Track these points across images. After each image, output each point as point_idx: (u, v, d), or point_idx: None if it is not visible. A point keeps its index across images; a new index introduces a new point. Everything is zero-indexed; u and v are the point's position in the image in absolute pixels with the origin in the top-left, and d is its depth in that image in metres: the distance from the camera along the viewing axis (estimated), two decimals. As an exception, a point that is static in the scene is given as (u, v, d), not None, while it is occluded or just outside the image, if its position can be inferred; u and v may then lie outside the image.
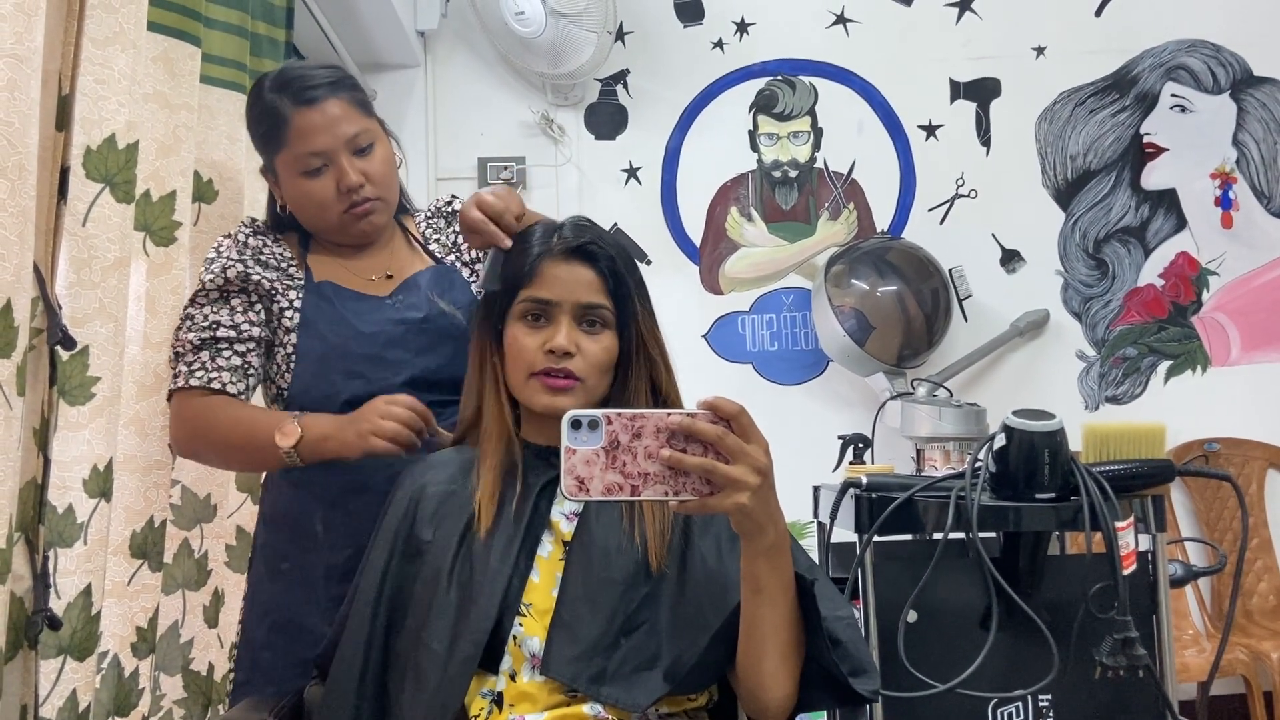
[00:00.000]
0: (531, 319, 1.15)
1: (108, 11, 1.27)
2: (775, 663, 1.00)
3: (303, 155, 1.42)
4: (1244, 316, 3.08)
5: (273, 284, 1.46)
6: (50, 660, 1.22)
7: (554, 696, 1.06)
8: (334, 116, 1.42)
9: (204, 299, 1.44)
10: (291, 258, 1.50)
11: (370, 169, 1.44)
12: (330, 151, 1.42)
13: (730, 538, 1.09)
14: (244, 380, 1.43)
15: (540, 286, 1.14)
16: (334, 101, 1.43)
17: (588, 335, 1.14)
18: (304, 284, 1.47)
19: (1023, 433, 1.47)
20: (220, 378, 1.40)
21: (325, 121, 1.41)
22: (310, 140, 1.41)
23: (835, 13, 3.12)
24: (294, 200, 1.47)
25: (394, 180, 1.50)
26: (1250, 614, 2.85)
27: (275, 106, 1.43)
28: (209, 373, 1.40)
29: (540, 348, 1.13)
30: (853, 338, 2.74)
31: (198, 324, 1.43)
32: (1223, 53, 3.10)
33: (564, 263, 1.15)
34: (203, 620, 1.69)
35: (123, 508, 1.43)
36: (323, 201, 1.44)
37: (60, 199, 1.22)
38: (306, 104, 1.42)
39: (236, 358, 1.42)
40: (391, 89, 3.01)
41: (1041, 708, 1.54)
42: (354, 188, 1.43)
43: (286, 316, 1.45)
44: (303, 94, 1.42)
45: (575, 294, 1.14)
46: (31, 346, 1.13)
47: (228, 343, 1.42)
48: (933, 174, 3.09)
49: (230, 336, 1.42)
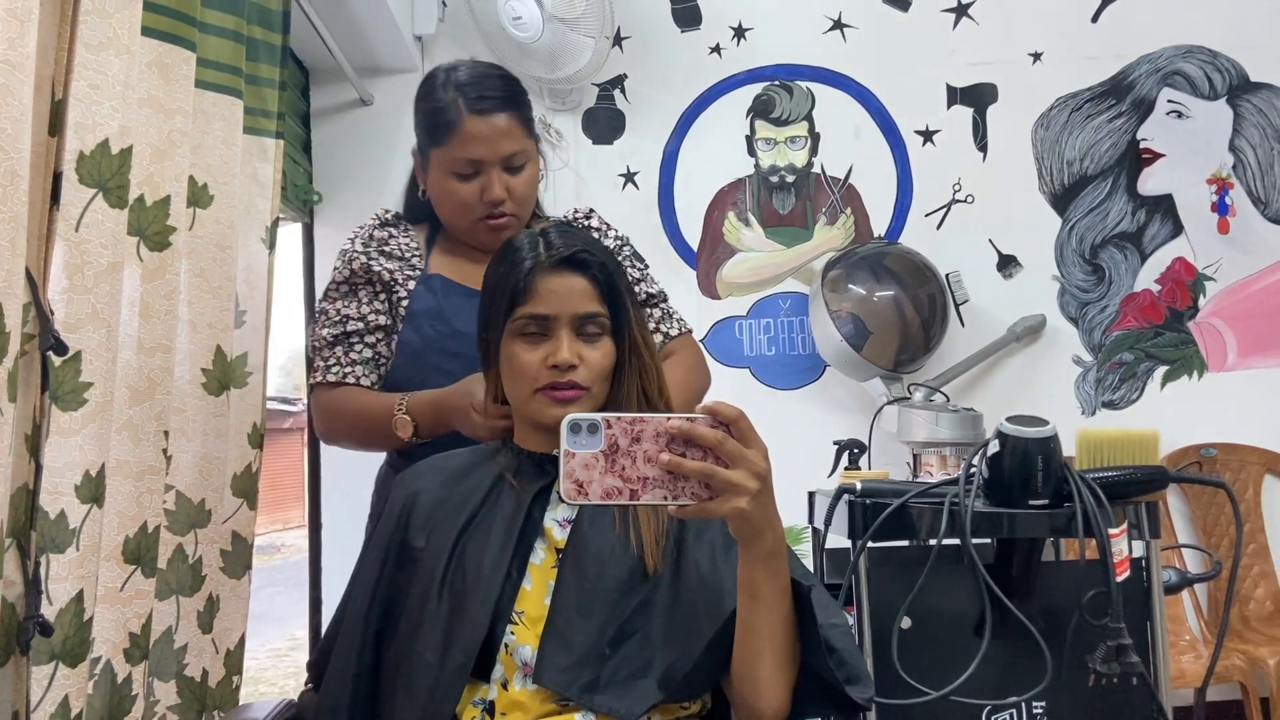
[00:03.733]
0: (530, 335, 1.14)
1: (101, 17, 1.26)
2: (770, 670, 1.00)
3: (459, 159, 1.48)
4: (1240, 322, 3.09)
5: (393, 274, 1.52)
6: (42, 666, 1.21)
7: (546, 705, 1.05)
8: (500, 131, 1.47)
9: (335, 293, 1.54)
10: (417, 248, 1.57)
11: (515, 187, 1.50)
12: (485, 161, 1.48)
13: (725, 545, 1.09)
14: (375, 371, 1.51)
15: (536, 302, 1.13)
16: (504, 116, 1.48)
17: (587, 344, 1.14)
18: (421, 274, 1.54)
19: (1017, 439, 1.47)
20: (354, 372, 1.50)
21: (491, 134, 1.47)
22: (470, 148, 1.47)
23: (832, 18, 3.12)
24: (436, 194, 1.54)
25: (533, 199, 1.57)
26: (1247, 620, 2.85)
27: (449, 105, 1.48)
28: (343, 368, 1.51)
29: (542, 363, 1.12)
30: (849, 343, 2.74)
31: (330, 319, 1.52)
32: (1219, 58, 3.11)
33: (556, 275, 1.13)
34: (197, 626, 1.68)
35: (115, 513, 1.43)
36: (464, 205, 1.50)
37: (53, 204, 1.21)
38: (479, 113, 1.47)
39: (367, 350, 1.51)
40: (388, 93, 3.01)
41: (1035, 715, 1.54)
42: (496, 201, 1.49)
43: (402, 305, 1.52)
44: (479, 102, 1.47)
45: (572, 305, 1.13)
46: (23, 352, 1.13)
47: (358, 335, 1.51)
48: (930, 179, 3.10)
49: (359, 329, 1.51)
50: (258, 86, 1.86)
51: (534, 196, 1.57)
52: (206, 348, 1.66)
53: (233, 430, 1.74)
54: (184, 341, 1.61)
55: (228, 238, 1.70)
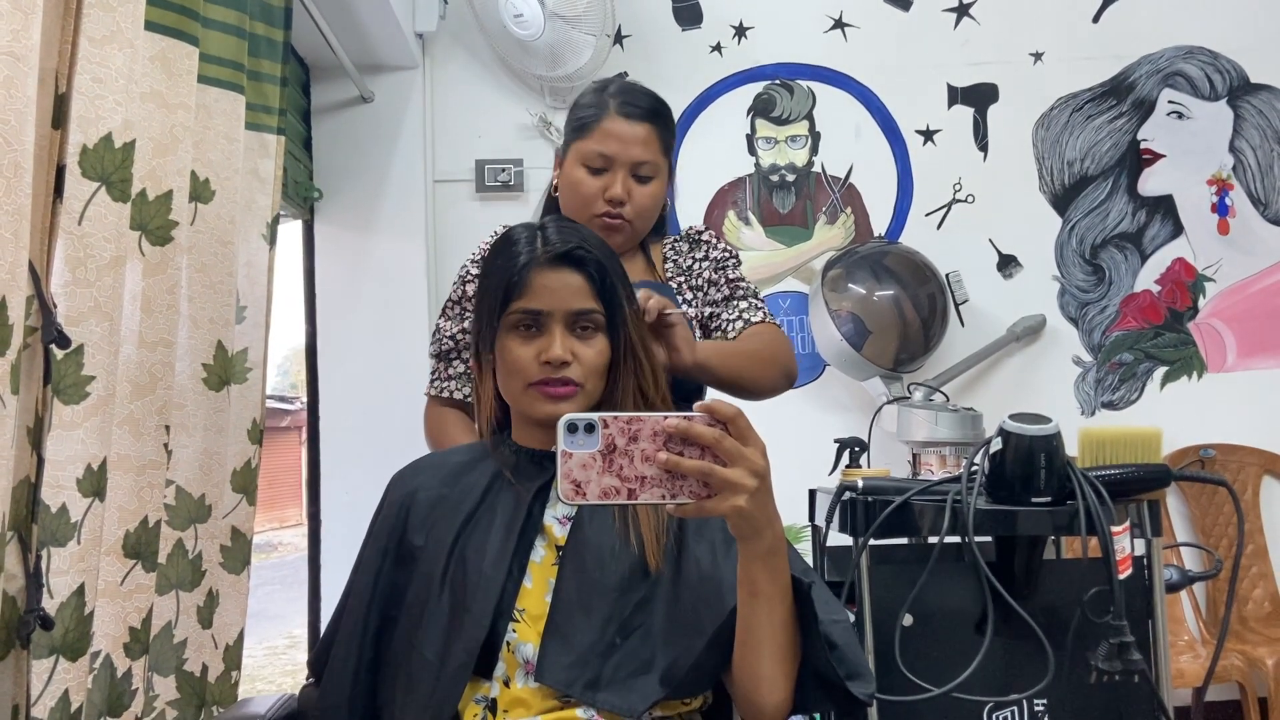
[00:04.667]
0: (524, 329, 1.14)
1: (105, 10, 1.26)
2: (771, 666, 1.00)
3: (594, 152, 1.56)
4: (1240, 323, 3.09)
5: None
6: (42, 660, 1.21)
7: (548, 702, 1.05)
8: (638, 137, 1.56)
9: (448, 311, 1.66)
10: None
11: (638, 195, 1.57)
12: (616, 160, 1.56)
13: (725, 541, 1.09)
14: (469, 385, 1.61)
15: (530, 297, 1.13)
16: (646, 126, 1.57)
17: (581, 341, 1.14)
18: None
19: (1019, 437, 1.47)
20: (449, 386, 1.64)
21: (629, 136, 1.56)
22: (607, 142, 1.56)
23: (833, 17, 3.12)
24: (565, 183, 1.61)
25: (651, 215, 1.63)
26: (1245, 620, 2.85)
27: (601, 104, 1.58)
28: (443, 382, 1.65)
29: (535, 358, 1.12)
30: (849, 342, 2.74)
31: (437, 336, 1.66)
32: (1220, 59, 3.11)
33: (551, 270, 1.13)
34: (197, 621, 1.68)
35: (116, 507, 1.43)
36: (585, 196, 1.57)
37: (56, 197, 1.21)
38: (625, 116, 1.56)
39: (461, 365, 1.64)
40: (389, 91, 3.01)
41: (1037, 712, 1.54)
42: (616, 200, 1.56)
43: None
44: (627, 106, 1.57)
45: (566, 302, 1.13)
46: (26, 345, 1.13)
47: (455, 353, 1.64)
48: (930, 179, 3.10)
49: (451, 348, 1.64)
50: (259, 82, 1.86)
51: (654, 213, 1.63)
52: (207, 343, 1.66)
53: (233, 425, 1.74)
54: (185, 336, 1.61)
55: (229, 233, 1.69)
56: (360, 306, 2.98)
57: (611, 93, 1.59)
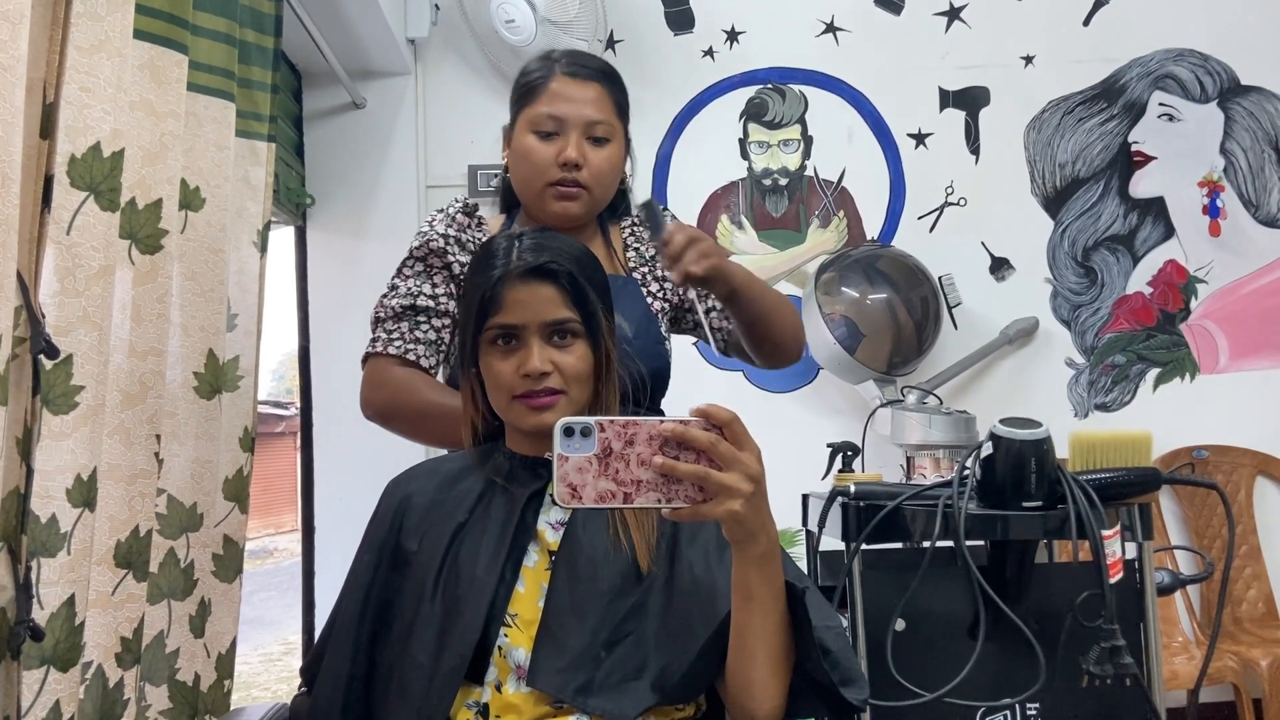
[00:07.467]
0: (502, 343, 1.14)
1: (93, 19, 1.26)
2: (765, 672, 1.00)
3: (543, 115, 1.47)
4: (1232, 324, 3.10)
5: (464, 267, 1.50)
6: (33, 671, 1.21)
7: (540, 707, 1.05)
8: (588, 96, 1.48)
9: (409, 269, 1.52)
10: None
11: (594, 159, 1.48)
12: (568, 122, 1.46)
13: (718, 547, 1.09)
14: (435, 355, 1.49)
15: (505, 312, 1.13)
16: (596, 86, 1.49)
17: (559, 349, 1.14)
18: None
19: (1010, 441, 1.47)
20: (415, 350, 1.47)
21: (579, 95, 1.47)
22: (556, 104, 1.47)
23: (825, 21, 3.13)
24: (515, 155, 1.51)
25: (610, 183, 1.53)
26: (1239, 621, 2.86)
27: (545, 69, 1.50)
28: (406, 343, 1.47)
29: (515, 372, 1.13)
30: (843, 345, 2.74)
31: (400, 292, 1.50)
32: (1210, 62, 3.12)
33: (523, 284, 1.13)
34: (189, 630, 1.68)
35: (107, 517, 1.42)
36: (538, 164, 1.47)
37: (44, 207, 1.21)
38: (571, 75, 1.48)
39: (432, 332, 1.49)
40: (382, 97, 3.01)
41: (1029, 716, 1.54)
42: (570, 163, 1.46)
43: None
44: (574, 67, 1.49)
45: (540, 314, 1.13)
46: (14, 355, 1.12)
47: (425, 315, 1.49)
48: (922, 182, 3.11)
49: (429, 308, 1.49)
50: (250, 90, 1.86)
51: (613, 180, 1.54)
52: (198, 351, 1.66)
53: (224, 434, 1.73)
54: (175, 345, 1.61)
55: (219, 241, 1.69)
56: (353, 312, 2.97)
57: (556, 57, 1.51)
